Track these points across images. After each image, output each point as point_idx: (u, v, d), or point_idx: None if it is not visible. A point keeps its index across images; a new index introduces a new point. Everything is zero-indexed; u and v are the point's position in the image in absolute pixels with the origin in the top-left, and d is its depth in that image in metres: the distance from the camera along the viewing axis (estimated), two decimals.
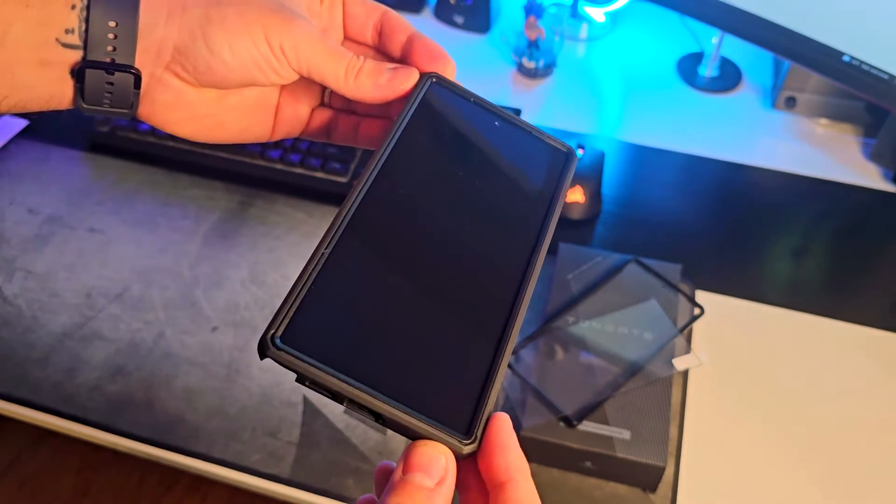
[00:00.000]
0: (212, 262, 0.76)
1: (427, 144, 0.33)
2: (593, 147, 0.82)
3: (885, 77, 0.74)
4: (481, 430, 0.26)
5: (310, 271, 0.27)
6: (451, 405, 0.26)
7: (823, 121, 0.92)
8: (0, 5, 0.31)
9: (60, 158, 0.85)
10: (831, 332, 0.71)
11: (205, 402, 0.66)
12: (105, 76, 0.33)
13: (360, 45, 0.37)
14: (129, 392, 0.67)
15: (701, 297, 0.71)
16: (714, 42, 0.95)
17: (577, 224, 0.79)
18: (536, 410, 0.59)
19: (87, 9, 0.32)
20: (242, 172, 0.83)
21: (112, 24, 0.32)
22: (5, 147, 0.87)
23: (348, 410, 0.26)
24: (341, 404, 0.26)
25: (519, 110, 0.88)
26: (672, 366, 0.62)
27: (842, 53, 0.76)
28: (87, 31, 0.32)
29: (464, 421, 0.25)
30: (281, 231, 0.78)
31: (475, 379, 0.27)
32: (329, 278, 0.27)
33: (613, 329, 0.64)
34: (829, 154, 0.88)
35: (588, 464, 0.59)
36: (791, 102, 0.91)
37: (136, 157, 0.85)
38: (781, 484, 0.61)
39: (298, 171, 0.81)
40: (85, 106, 0.34)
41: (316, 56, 0.34)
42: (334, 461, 0.62)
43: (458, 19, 1.04)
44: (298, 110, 0.38)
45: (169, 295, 0.73)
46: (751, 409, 0.65)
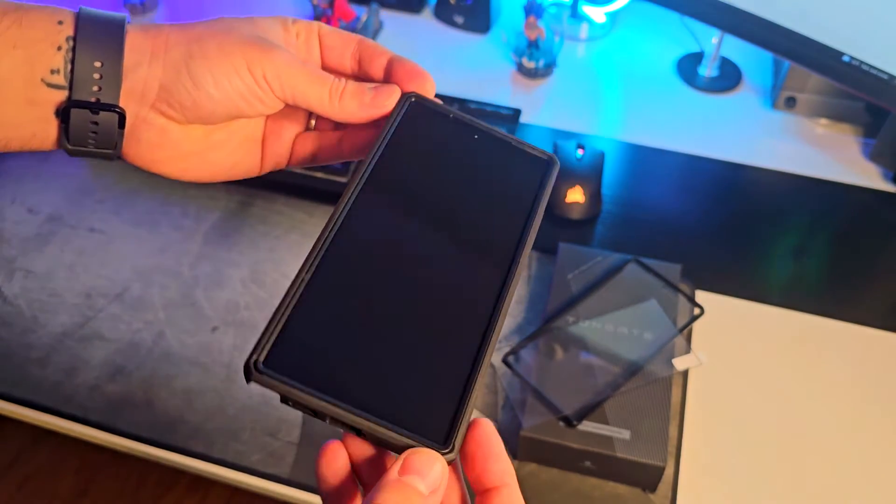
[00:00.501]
0: (212, 261, 0.76)
1: (408, 162, 0.34)
2: (593, 147, 0.81)
3: (885, 77, 0.74)
4: (459, 440, 0.26)
5: (290, 297, 0.28)
6: (429, 417, 0.27)
7: (823, 121, 0.92)
8: None
9: (61, 158, 0.85)
10: (831, 332, 0.71)
11: (205, 402, 0.66)
12: (90, 116, 0.33)
13: (339, 74, 0.37)
14: (128, 392, 0.67)
15: (701, 296, 0.71)
16: (714, 42, 0.95)
17: (576, 224, 0.79)
18: (536, 410, 0.59)
19: (73, 50, 0.32)
20: None
21: (97, 64, 0.33)
22: None
23: (332, 426, 0.27)
24: (324, 421, 0.27)
25: (519, 111, 0.88)
26: (672, 366, 0.62)
27: (841, 53, 0.76)
28: (72, 71, 0.33)
29: (442, 431, 0.26)
30: (281, 231, 0.78)
31: (453, 390, 0.27)
32: (309, 303, 0.28)
33: (613, 329, 0.64)
34: (829, 154, 0.88)
35: (588, 464, 0.59)
36: (791, 102, 0.92)
37: None
38: (781, 483, 0.61)
39: (298, 171, 0.82)
40: (70, 147, 0.34)
41: (299, 82, 0.34)
42: None
43: (458, 19, 1.04)
44: (284, 140, 0.38)
45: (169, 295, 0.73)
46: (750, 409, 0.65)
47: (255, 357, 0.26)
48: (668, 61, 1.00)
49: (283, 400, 0.27)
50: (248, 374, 0.26)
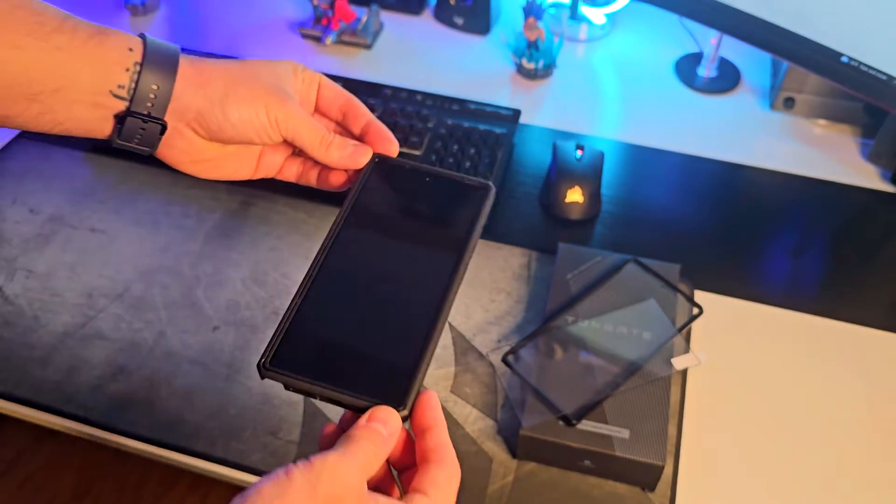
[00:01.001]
0: (213, 261, 0.76)
1: (376, 204, 0.46)
2: (593, 147, 0.82)
3: (884, 78, 0.74)
4: (410, 404, 0.38)
5: (287, 314, 0.40)
6: (389, 389, 0.38)
7: (821, 121, 0.92)
8: (75, 58, 0.42)
9: (62, 158, 0.86)
10: (829, 332, 0.71)
11: (205, 401, 0.66)
12: (141, 123, 0.44)
13: (326, 118, 0.49)
14: (129, 391, 0.67)
15: (699, 297, 0.71)
16: (713, 43, 0.95)
17: (576, 224, 0.80)
18: (536, 409, 0.60)
19: (139, 73, 0.43)
20: None
21: (154, 87, 0.43)
22: (7, 146, 0.87)
23: (321, 402, 0.40)
24: (316, 399, 0.39)
25: (519, 111, 0.88)
26: (671, 365, 0.63)
27: (840, 54, 0.77)
28: (135, 89, 0.43)
29: (398, 398, 0.38)
30: (282, 231, 0.79)
31: (407, 371, 0.39)
32: (300, 317, 0.40)
33: (612, 328, 0.65)
34: (827, 154, 0.88)
35: (587, 462, 0.59)
36: (789, 103, 0.92)
37: (138, 157, 0.85)
38: (780, 483, 0.61)
39: None
40: (118, 141, 0.44)
41: (300, 129, 0.45)
42: None
43: (458, 20, 1.04)
44: (275, 159, 0.49)
45: (170, 294, 0.74)
46: (749, 409, 0.66)
47: (264, 359, 0.38)
48: (667, 62, 1.01)
49: (286, 387, 0.39)
50: (260, 372, 0.38)
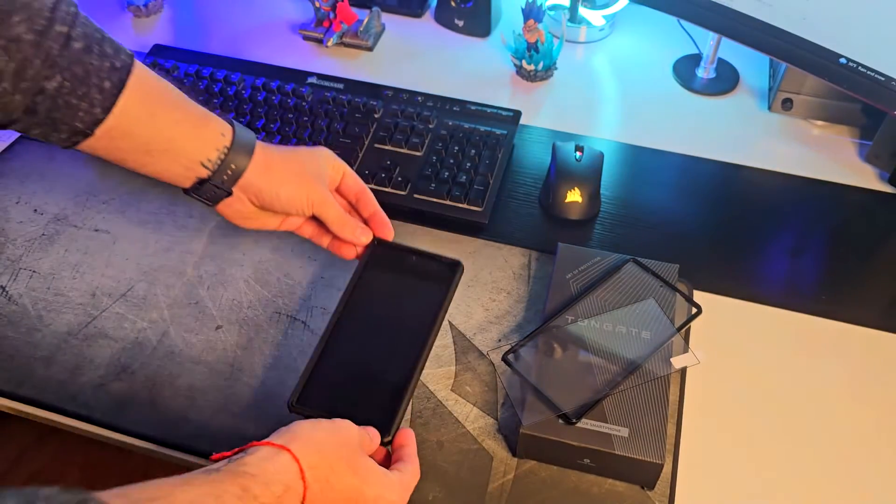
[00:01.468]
0: (216, 261, 0.77)
1: (375, 278, 0.64)
2: (592, 148, 0.82)
3: (882, 79, 0.75)
4: (392, 435, 0.56)
5: (308, 366, 0.59)
6: (377, 422, 0.55)
7: (819, 122, 0.92)
8: (185, 133, 0.57)
9: (66, 158, 0.86)
10: (827, 332, 0.72)
11: (208, 400, 0.67)
12: (214, 188, 0.59)
13: (343, 198, 0.67)
14: (133, 390, 0.67)
15: (698, 296, 0.72)
16: (711, 44, 0.96)
17: (575, 224, 0.80)
18: (535, 408, 0.60)
19: (225, 155, 0.58)
20: None
21: (233, 167, 0.59)
22: (11, 147, 0.88)
23: None
24: None
25: (519, 112, 0.89)
26: (670, 364, 0.63)
27: (838, 55, 0.77)
28: (219, 166, 0.58)
29: (387, 429, 0.56)
30: (284, 231, 0.79)
31: (391, 410, 0.56)
32: (316, 369, 0.59)
33: (612, 328, 0.65)
34: (825, 155, 0.89)
35: (587, 461, 0.60)
36: (787, 104, 0.92)
37: None
38: (778, 482, 0.62)
39: None
40: (192, 194, 0.60)
41: (328, 210, 0.63)
42: None
43: (459, 23, 1.05)
44: (297, 220, 0.66)
45: (173, 294, 0.74)
46: (748, 408, 0.66)
47: (292, 399, 0.58)
48: (666, 63, 1.01)
49: (306, 417, 0.53)
50: (289, 408, 0.57)
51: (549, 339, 0.65)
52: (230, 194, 0.60)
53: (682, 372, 0.67)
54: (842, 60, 0.77)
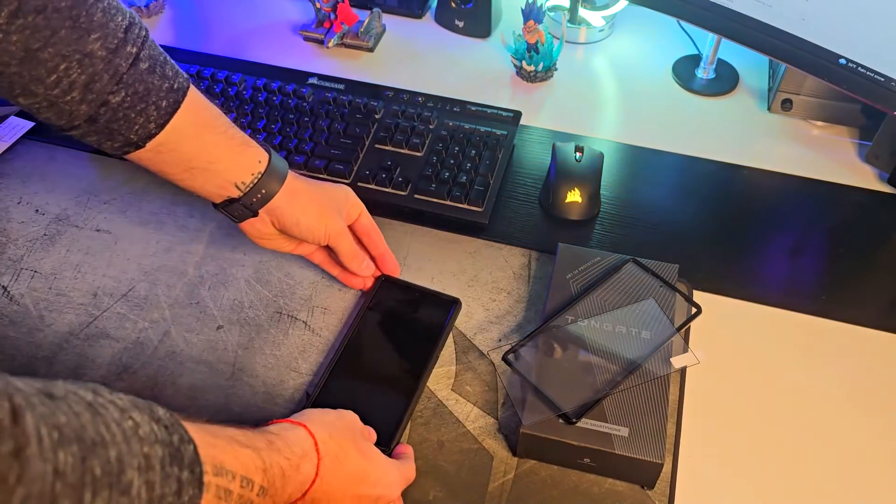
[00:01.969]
0: (217, 261, 0.77)
1: (380, 312, 0.71)
2: (592, 149, 0.82)
3: (882, 79, 0.75)
4: (393, 447, 0.62)
5: (317, 387, 0.65)
6: (381, 437, 0.60)
7: (819, 123, 0.93)
8: (225, 155, 0.62)
9: (67, 158, 0.86)
10: (827, 332, 0.72)
11: (209, 400, 0.67)
12: (242, 209, 0.65)
13: (355, 235, 0.71)
14: (134, 390, 0.67)
15: (698, 296, 0.72)
16: (711, 45, 0.96)
17: (575, 224, 0.80)
18: (536, 408, 0.60)
19: (258, 180, 0.64)
20: None
21: (263, 191, 0.64)
22: (12, 147, 0.88)
23: None
24: None
25: (520, 113, 0.89)
26: (670, 364, 0.63)
27: (838, 56, 0.77)
28: (251, 189, 0.64)
29: (387, 443, 0.61)
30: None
31: (392, 427, 0.62)
32: (323, 391, 0.65)
33: (612, 328, 0.65)
34: (825, 156, 0.89)
35: (587, 460, 0.60)
36: (787, 105, 0.92)
37: None
38: (777, 482, 0.62)
39: (302, 171, 0.82)
40: (221, 209, 0.66)
41: (342, 243, 0.69)
42: None
43: (459, 24, 1.05)
44: (310, 247, 0.72)
45: (174, 294, 0.74)
46: (747, 408, 0.66)
47: None
48: (666, 64, 1.01)
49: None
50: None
51: (550, 338, 0.65)
52: (256, 215, 0.65)
53: (682, 372, 0.67)
54: (841, 61, 0.77)
